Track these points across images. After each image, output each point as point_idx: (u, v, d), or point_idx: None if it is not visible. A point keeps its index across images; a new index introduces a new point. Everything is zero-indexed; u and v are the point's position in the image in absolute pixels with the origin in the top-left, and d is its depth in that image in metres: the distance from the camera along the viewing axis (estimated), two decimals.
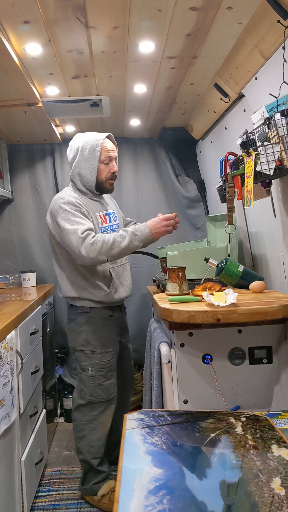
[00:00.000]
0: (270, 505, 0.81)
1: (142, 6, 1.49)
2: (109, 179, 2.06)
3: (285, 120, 1.46)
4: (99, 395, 2.01)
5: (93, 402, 2.02)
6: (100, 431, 2.03)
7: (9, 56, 1.69)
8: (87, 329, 2.03)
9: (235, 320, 1.56)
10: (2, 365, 1.58)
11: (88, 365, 2.02)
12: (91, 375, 2.01)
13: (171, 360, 1.72)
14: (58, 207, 1.95)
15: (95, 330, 2.03)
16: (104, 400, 2.02)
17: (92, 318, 2.04)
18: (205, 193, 3.23)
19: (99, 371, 2.02)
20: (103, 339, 2.04)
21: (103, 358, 2.03)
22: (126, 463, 0.96)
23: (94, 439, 2.02)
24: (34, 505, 2.06)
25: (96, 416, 2.02)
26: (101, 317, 2.05)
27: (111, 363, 2.06)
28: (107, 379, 2.04)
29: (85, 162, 2.01)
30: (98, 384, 2.01)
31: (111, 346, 2.07)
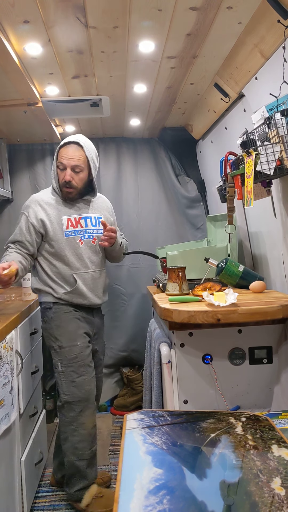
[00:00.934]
0: (270, 505, 0.80)
1: (142, 6, 1.49)
2: (64, 186, 1.99)
3: (285, 120, 1.46)
4: (74, 394, 1.94)
5: (69, 402, 1.94)
6: (82, 433, 1.95)
7: (9, 56, 1.69)
8: (53, 325, 2.00)
9: (235, 320, 1.56)
10: (2, 365, 1.57)
11: (58, 361, 1.97)
12: (61, 371, 1.95)
13: (171, 360, 1.72)
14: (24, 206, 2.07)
15: (60, 324, 1.99)
16: (81, 399, 1.94)
17: (56, 313, 2.01)
18: (205, 193, 3.23)
19: (69, 366, 1.94)
20: (68, 332, 1.98)
21: (70, 352, 1.95)
22: (126, 463, 0.95)
23: (76, 440, 1.95)
24: (34, 505, 2.05)
25: (75, 417, 1.94)
26: (65, 311, 2.01)
27: (81, 357, 1.96)
28: (79, 375, 1.94)
29: (52, 165, 2.06)
30: (71, 381, 1.94)
31: (78, 340, 1.98)
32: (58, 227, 2.00)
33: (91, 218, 2.08)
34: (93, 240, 2.06)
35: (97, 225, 2.08)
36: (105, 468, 2.36)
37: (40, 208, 2.01)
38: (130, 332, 3.20)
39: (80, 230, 2.03)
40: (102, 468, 2.33)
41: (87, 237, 2.04)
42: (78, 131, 3.03)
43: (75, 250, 2.01)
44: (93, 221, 2.08)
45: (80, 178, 2.00)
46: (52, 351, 2.01)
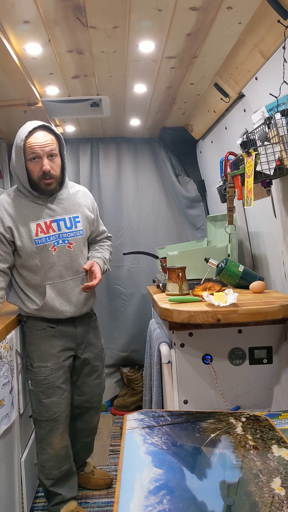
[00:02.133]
0: (270, 505, 0.80)
1: (142, 6, 1.49)
2: (42, 179, 1.74)
3: (285, 120, 1.46)
4: (41, 413, 1.81)
5: (38, 420, 1.84)
6: (49, 452, 1.83)
7: (9, 56, 1.69)
8: (26, 340, 1.87)
9: (235, 320, 1.56)
10: (2, 365, 1.57)
11: (28, 379, 1.84)
12: (31, 389, 1.83)
13: (171, 360, 1.72)
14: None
15: (32, 341, 1.84)
16: (48, 419, 1.81)
17: (29, 328, 1.85)
18: (205, 193, 3.23)
19: (37, 386, 1.81)
20: (39, 351, 1.82)
21: (39, 373, 1.80)
22: (126, 463, 0.96)
23: (44, 459, 1.85)
24: (34, 505, 2.05)
25: (44, 436, 1.83)
26: (38, 328, 1.84)
27: (50, 380, 1.80)
28: (47, 396, 1.80)
29: (15, 161, 1.76)
30: (39, 401, 1.81)
31: (49, 361, 1.80)
32: (26, 235, 1.76)
33: (64, 220, 1.82)
34: (68, 245, 1.82)
35: (73, 227, 1.84)
36: (105, 468, 2.36)
37: (6, 213, 1.76)
38: (130, 332, 3.21)
39: (53, 235, 1.78)
40: (102, 468, 2.33)
41: (61, 242, 1.80)
42: (78, 131, 3.03)
43: (46, 259, 1.77)
44: (67, 223, 1.83)
45: (57, 164, 1.79)
46: (26, 366, 1.87)
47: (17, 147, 1.74)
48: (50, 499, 1.89)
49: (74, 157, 3.20)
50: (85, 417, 2.04)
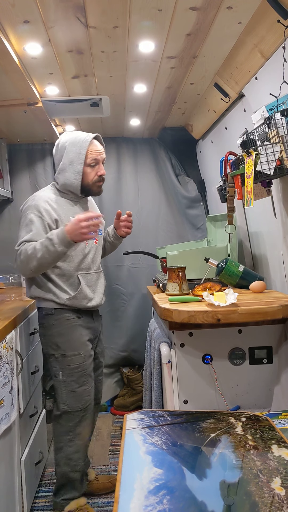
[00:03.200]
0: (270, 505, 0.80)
1: (142, 6, 1.49)
2: (97, 182, 1.94)
3: (285, 120, 1.46)
4: (73, 404, 1.87)
5: (67, 412, 1.88)
6: (78, 443, 1.90)
7: (9, 56, 1.69)
8: (54, 331, 1.91)
9: (235, 320, 1.56)
10: (2, 365, 1.57)
11: (59, 370, 1.89)
12: (62, 380, 1.88)
13: (171, 360, 1.72)
14: (26, 207, 1.89)
15: (62, 332, 1.90)
16: (79, 409, 1.88)
17: (57, 320, 1.91)
18: (205, 193, 3.23)
19: (70, 376, 1.87)
20: (71, 341, 1.90)
21: (72, 362, 1.88)
22: (126, 463, 0.95)
23: (71, 451, 1.89)
24: (34, 505, 2.05)
25: (73, 427, 1.88)
26: (67, 318, 1.92)
27: (83, 367, 1.89)
28: (80, 385, 1.88)
29: (70, 165, 1.89)
30: (71, 391, 1.87)
31: (81, 349, 1.91)
32: None
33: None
34: (95, 241, 2.01)
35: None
36: (105, 468, 2.36)
37: (50, 207, 1.89)
38: (130, 332, 3.21)
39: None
40: (102, 468, 2.33)
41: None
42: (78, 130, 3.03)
43: (81, 250, 1.93)
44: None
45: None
46: (52, 359, 1.92)
47: (77, 154, 1.89)
48: (63, 492, 1.91)
49: None
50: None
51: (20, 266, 1.84)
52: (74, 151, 1.88)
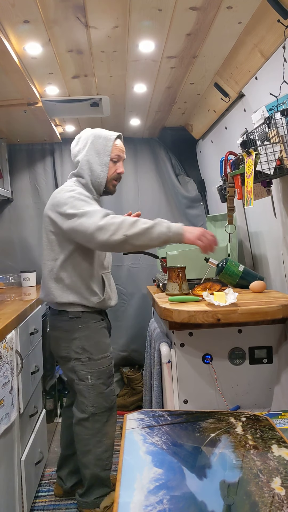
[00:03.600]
0: (270, 505, 0.80)
1: (142, 5, 1.49)
2: (113, 179, 1.92)
3: (285, 120, 1.46)
4: (100, 405, 1.86)
5: (95, 414, 1.86)
6: (106, 442, 1.89)
7: (9, 56, 1.69)
8: (80, 335, 1.86)
9: (235, 320, 1.56)
10: (2, 365, 1.57)
11: (87, 374, 1.85)
12: (91, 384, 1.85)
13: (171, 360, 1.72)
14: (68, 197, 1.78)
15: (89, 335, 1.87)
16: (106, 409, 1.88)
17: (85, 323, 1.88)
18: (205, 192, 3.23)
19: (99, 378, 1.86)
20: (99, 343, 1.89)
21: (102, 364, 1.87)
22: (126, 463, 0.96)
23: (100, 451, 1.88)
24: (34, 505, 2.05)
25: (100, 428, 1.87)
26: (94, 321, 1.90)
27: (110, 368, 1.91)
28: (107, 386, 1.89)
29: (96, 156, 1.86)
30: (99, 393, 1.86)
31: (108, 351, 1.92)
32: None
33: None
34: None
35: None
36: None
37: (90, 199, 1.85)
38: (130, 332, 3.21)
39: None
40: None
41: None
42: (78, 131, 3.02)
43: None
44: None
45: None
46: (77, 363, 1.86)
47: (104, 145, 1.86)
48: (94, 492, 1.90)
49: None
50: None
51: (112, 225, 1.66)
52: (100, 143, 1.87)
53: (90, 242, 1.71)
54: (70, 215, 1.73)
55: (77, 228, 1.71)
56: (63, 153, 3.18)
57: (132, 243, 1.67)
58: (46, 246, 1.87)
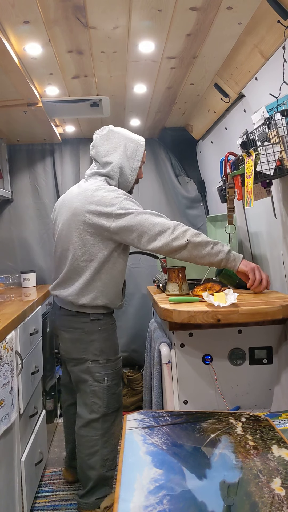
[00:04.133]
0: (270, 505, 0.80)
1: (142, 6, 1.49)
2: (135, 183, 1.96)
3: (285, 120, 1.46)
4: (112, 405, 1.88)
5: (105, 414, 1.86)
6: (113, 443, 1.90)
7: (9, 56, 1.69)
8: (100, 337, 1.85)
9: (235, 321, 1.56)
10: (2, 366, 1.57)
11: (104, 376, 1.85)
12: (107, 385, 1.85)
13: (171, 360, 1.72)
14: (114, 197, 1.75)
15: (108, 338, 1.88)
16: (115, 409, 1.89)
17: (105, 325, 1.88)
18: (205, 193, 3.23)
19: (114, 379, 1.88)
20: (115, 345, 1.93)
21: (116, 366, 1.90)
22: (126, 463, 0.95)
23: (107, 452, 1.88)
24: (34, 505, 2.05)
25: (108, 428, 1.88)
26: (111, 323, 1.93)
27: (121, 369, 1.97)
28: (118, 386, 1.92)
29: (127, 161, 1.87)
30: (112, 394, 1.88)
31: (119, 352, 1.97)
32: None
33: None
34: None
35: None
36: None
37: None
38: (130, 332, 3.21)
39: None
40: None
41: None
42: (78, 131, 3.03)
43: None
44: None
45: None
46: (94, 364, 1.85)
47: (135, 150, 1.89)
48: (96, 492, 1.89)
49: (74, 157, 3.20)
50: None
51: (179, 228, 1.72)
52: (132, 148, 1.88)
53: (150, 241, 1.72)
54: (122, 214, 1.72)
55: (136, 225, 1.71)
56: (63, 153, 3.18)
57: (191, 251, 1.70)
58: (79, 246, 1.80)
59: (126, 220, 1.72)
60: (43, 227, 3.17)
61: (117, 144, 1.87)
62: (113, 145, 1.87)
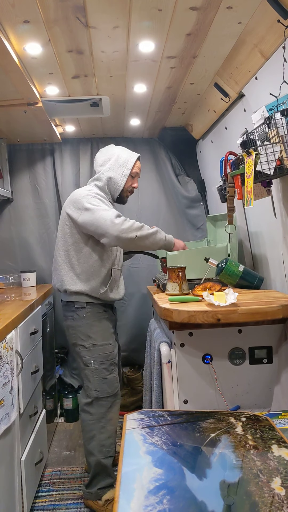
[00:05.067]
0: (270, 505, 0.80)
1: (142, 6, 1.49)
2: (128, 191, 2.22)
3: (285, 120, 1.46)
4: (104, 390, 2.03)
5: (99, 398, 2.02)
6: (110, 429, 2.03)
7: (9, 56, 1.69)
8: (85, 323, 2.07)
9: (235, 320, 1.56)
10: (2, 365, 1.57)
11: (90, 359, 2.04)
12: (94, 368, 2.03)
13: (171, 360, 1.72)
14: (86, 194, 2.06)
15: (93, 324, 2.08)
16: (110, 395, 2.04)
17: (88, 312, 2.08)
18: (205, 193, 3.23)
19: (102, 363, 2.04)
20: (102, 331, 2.09)
21: (104, 350, 2.06)
22: (126, 463, 0.96)
23: (104, 437, 2.01)
24: (34, 505, 2.05)
25: (104, 414, 2.02)
26: (98, 311, 2.11)
27: (112, 355, 2.09)
28: (110, 372, 2.06)
29: (119, 168, 2.16)
30: (102, 378, 2.03)
31: (110, 339, 2.11)
32: None
33: None
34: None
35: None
36: None
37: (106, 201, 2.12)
38: (130, 332, 3.21)
39: None
40: None
41: None
42: (78, 131, 3.03)
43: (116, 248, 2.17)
44: None
45: None
46: (81, 349, 2.07)
47: (126, 161, 2.18)
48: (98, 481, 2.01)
49: (74, 157, 3.20)
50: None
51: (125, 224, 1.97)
52: (124, 158, 2.18)
53: (103, 235, 1.98)
54: (86, 209, 2.01)
55: (92, 221, 1.98)
56: (63, 153, 3.18)
57: (138, 243, 2.02)
58: (61, 238, 2.12)
59: (88, 216, 2.00)
60: (43, 227, 3.17)
61: (111, 155, 2.19)
62: (108, 156, 2.19)
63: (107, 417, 2.03)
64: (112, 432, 2.04)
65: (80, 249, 2.07)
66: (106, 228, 1.96)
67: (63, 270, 2.09)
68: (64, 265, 2.09)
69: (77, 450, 2.60)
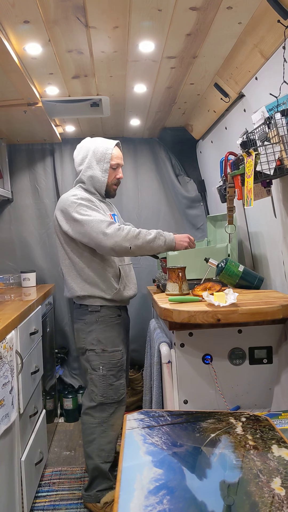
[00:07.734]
0: (270, 505, 0.80)
1: (142, 6, 1.49)
2: (114, 184, 2.13)
3: (285, 120, 1.46)
4: (109, 396, 2.00)
5: (103, 403, 2.00)
6: (111, 434, 2.01)
7: (9, 56, 1.69)
8: (97, 327, 2.03)
9: (235, 320, 1.56)
10: (2, 365, 1.57)
11: (99, 364, 2.02)
12: (102, 374, 2.00)
13: (171, 360, 1.72)
14: (71, 202, 1.97)
15: (105, 329, 2.04)
16: (115, 401, 2.02)
17: (102, 317, 2.04)
18: (205, 193, 3.23)
19: (110, 370, 2.02)
20: (113, 337, 2.05)
21: (113, 357, 2.03)
22: (126, 463, 0.95)
23: (104, 442, 1.99)
24: (34, 505, 2.05)
25: (106, 418, 2.00)
26: (111, 316, 2.06)
27: (121, 362, 2.06)
28: (117, 379, 2.04)
29: (97, 164, 2.06)
30: (109, 384, 2.01)
31: (120, 345, 2.07)
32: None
33: (114, 215, 2.21)
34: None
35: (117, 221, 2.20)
36: None
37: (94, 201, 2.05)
38: (130, 332, 3.19)
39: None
40: None
41: None
42: (78, 131, 3.03)
43: None
44: (116, 218, 2.21)
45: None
46: (91, 353, 2.03)
47: (104, 154, 2.06)
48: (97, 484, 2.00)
49: None
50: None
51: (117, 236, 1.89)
52: (101, 152, 2.06)
53: (97, 248, 1.95)
54: (75, 221, 1.94)
55: (84, 234, 1.93)
56: (63, 153, 3.18)
57: (134, 252, 1.95)
58: (59, 247, 2.08)
59: (79, 228, 1.93)
60: (43, 227, 3.17)
61: (87, 152, 2.08)
62: (84, 154, 2.09)
63: (110, 422, 2.01)
64: (113, 437, 2.02)
65: (81, 253, 2.02)
66: (98, 242, 1.90)
67: (69, 278, 2.05)
68: (70, 273, 2.04)
69: (77, 450, 2.60)
